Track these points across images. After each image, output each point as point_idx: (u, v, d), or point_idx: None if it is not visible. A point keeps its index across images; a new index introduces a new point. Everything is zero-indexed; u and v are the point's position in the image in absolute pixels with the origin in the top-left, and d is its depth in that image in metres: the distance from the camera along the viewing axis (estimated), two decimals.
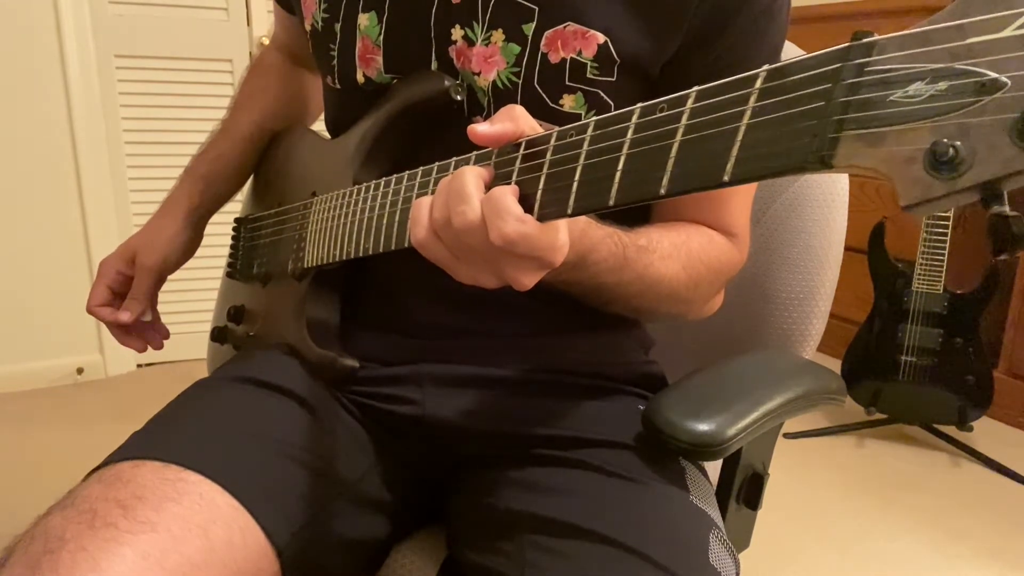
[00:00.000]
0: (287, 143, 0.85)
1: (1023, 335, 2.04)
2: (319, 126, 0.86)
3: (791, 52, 0.78)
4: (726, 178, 0.35)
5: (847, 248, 0.84)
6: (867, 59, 0.30)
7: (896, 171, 0.29)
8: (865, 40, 0.31)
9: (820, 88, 0.32)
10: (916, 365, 1.88)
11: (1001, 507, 1.73)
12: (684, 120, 0.37)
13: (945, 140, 0.27)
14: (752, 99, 0.34)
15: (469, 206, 0.44)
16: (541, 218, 0.44)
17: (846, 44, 0.31)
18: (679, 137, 0.38)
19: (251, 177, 0.91)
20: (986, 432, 2.01)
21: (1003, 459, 1.88)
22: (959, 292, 1.83)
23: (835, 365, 1.99)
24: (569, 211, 0.43)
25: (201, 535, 0.50)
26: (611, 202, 0.41)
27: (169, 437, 0.59)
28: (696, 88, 0.37)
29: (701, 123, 0.37)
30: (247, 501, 0.54)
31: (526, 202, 0.45)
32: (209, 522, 0.51)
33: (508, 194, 0.44)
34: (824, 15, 2.40)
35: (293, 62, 0.91)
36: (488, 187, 0.46)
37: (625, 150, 0.40)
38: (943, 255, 1.82)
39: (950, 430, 1.94)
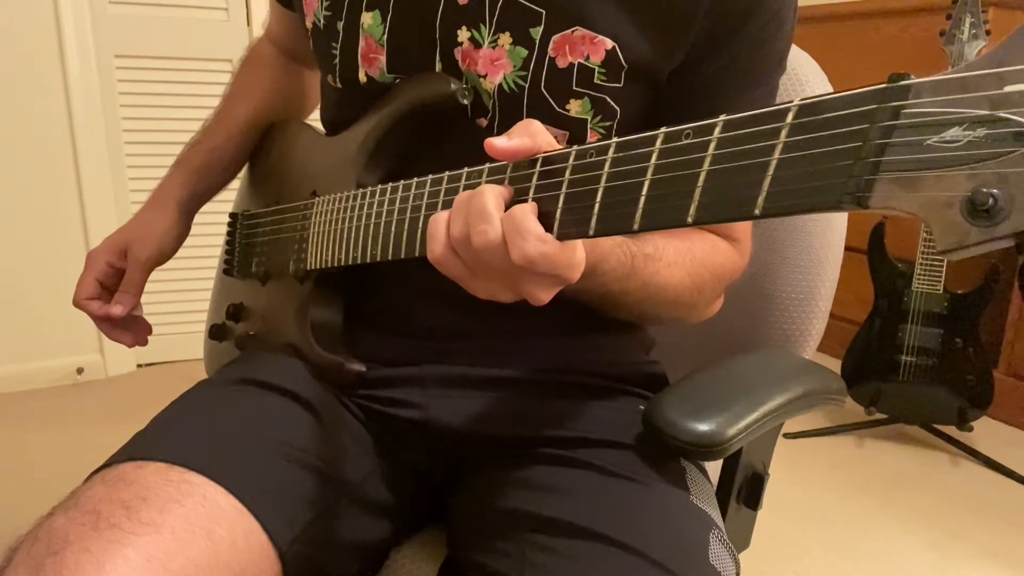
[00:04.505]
0: (283, 137, 0.84)
1: (1023, 335, 2.04)
2: (312, 121, 0.86)
3: (795, 54, 0.78)
4: (757, 211, 0.35)
5: (847, 248, 0.85)
6: (904, 102, 0.30)
7: (933, 216, 0.29)
8: (902, 82, 0.31)
9: (856, 128, 0.32)
10: (916, 365, 1.88)
11: (1001, 507, 1.73)
12: (711, 149, 0.37)
13: (984, 189, 0.28)
14: (783, 133, 0.34)
15: (490, 225, 0.44)
16: (560, 237, 0.44)
17: (882, 85, 0.31)
18: (706, 167, 0.37)
19: (245, 170, 0.90)
20: (986, 432, 2.01)
21: (1003, 459, 1.88)
22: (959, 292, 1.83)
23: (835, 365, 1.99)
24: (591, 232, 0.43)
25: (205, 537, 0.50)
26: (635, 227, 0.41)
27: (173, 438, 0.59)
28: (723, 117, 0.37)
29: (729, 154, 0.36)
30: (250, 503, 0.54)
31: (544, 220, 0.45)
32: (213, 524, 0.51)
33: (529, 213, 0.44)
34: (825, 15, 2.40)
35: (288, 56, 0.90)
36: (507, 205, 0.46)
37: (649, 175, 0.40)
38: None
39: (950, 430, 1.94)
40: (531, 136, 0.47)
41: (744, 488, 0.70)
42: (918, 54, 2.12)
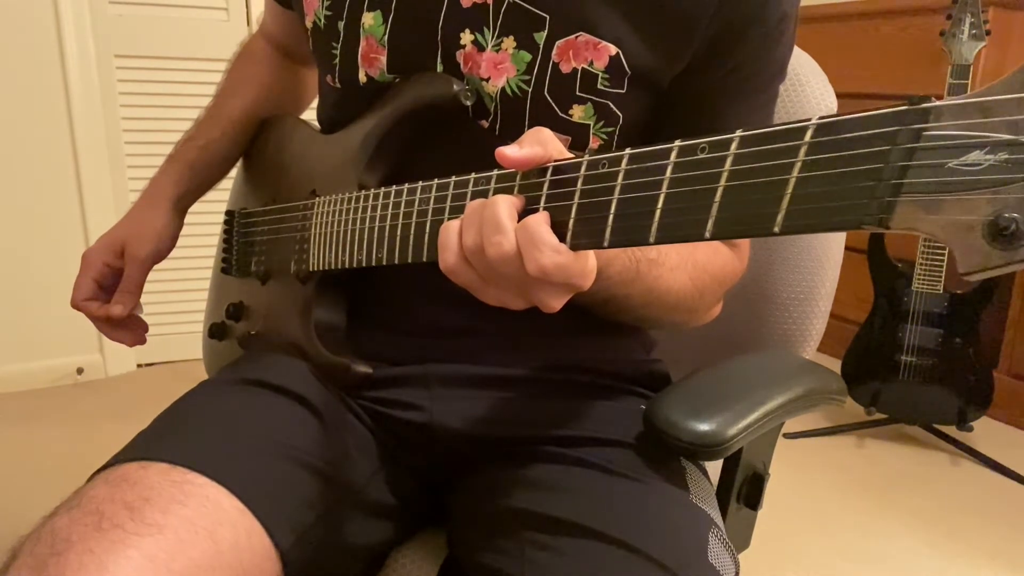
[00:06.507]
0: (278, 134, 0.84)
1: (1023, 335, 2.04)
2: (307, 117, 0.85)
3: (795, 55, 0.78)
4: (776, 229, 0.35)
5: (847, 248, 0.85)
6: (925, 124, 0.31)
7: (954, 238, 0.30)
8: (923, 105, 0.31)
9: (877, 149, 0.32)
10: (916, 365, 1.88)
11: (1001, 507, 1.73)
12: (728, 165, 0.37)
13: (1007, 214, 0.28)
14: (802, 152, 0.34)
15: (505, 237, 0.44)
16: (574, 247, 0.44)
17: (902, 107, 0.31)
18: (723, 182, 0.37)
19: (239, 166, 0.89)
20: (986, 432, 2.02)
21: (1003, 459, 1.88)
22: (959, 292, 1.83)
23: (835, 365, 1.99)
24: (605, 244, 0.43)
25: (207, 538, 0.50)
26: (652, 240, 0.41)
27: (176, 439, 0.59)
28: (739, 133, 0.37)
29: (747, 170, 0.36)
30: (253, 504, 0.54)
31: (557, 230, 0.45)
32: (215, 525, 0.51)
33: (543, 224, 0.44)
34: (825, 15, 2.40)
35: (282, 53, 0.90)
36: (520, 215, 0.46)
37: (665, 188, 0.40)
38: (943, 255, 1.82)
39: (950, 430, 1.94)
40: (542, 145, 0.47)
41: (744, 488, 0.70)
42: (918, 54, 2.12)
